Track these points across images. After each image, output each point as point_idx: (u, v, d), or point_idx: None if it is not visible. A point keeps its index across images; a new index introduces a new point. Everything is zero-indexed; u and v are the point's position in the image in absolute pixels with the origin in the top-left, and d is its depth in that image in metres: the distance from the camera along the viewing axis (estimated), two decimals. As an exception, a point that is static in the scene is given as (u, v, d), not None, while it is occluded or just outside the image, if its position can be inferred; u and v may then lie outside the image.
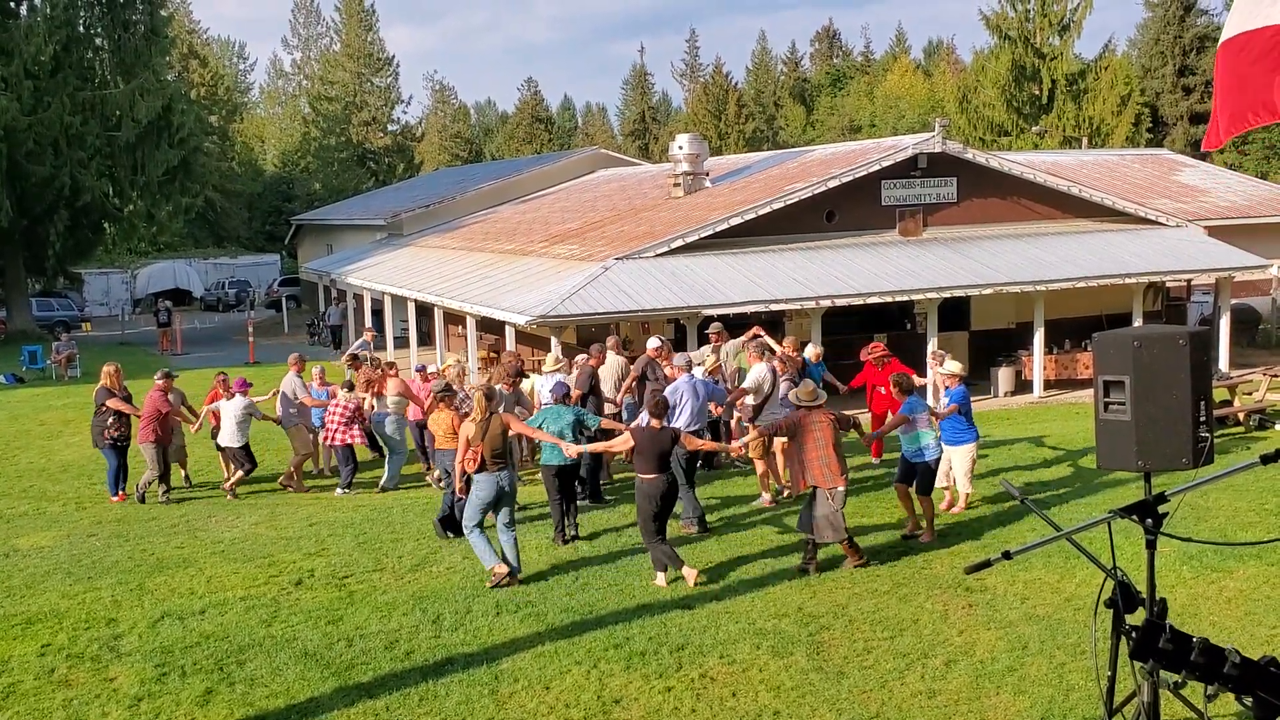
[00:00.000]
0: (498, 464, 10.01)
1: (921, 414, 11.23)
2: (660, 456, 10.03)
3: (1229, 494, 12.20)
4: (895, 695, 7.48)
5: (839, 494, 10.13)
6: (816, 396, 10.52)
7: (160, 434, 14.38)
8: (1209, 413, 5.41)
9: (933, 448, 11.21)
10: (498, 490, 10.03)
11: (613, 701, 7.51)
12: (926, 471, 11.21)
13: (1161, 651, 4.51)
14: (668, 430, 10.27)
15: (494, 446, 9.98)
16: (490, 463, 9.99)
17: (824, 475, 10.12)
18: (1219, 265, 22.39)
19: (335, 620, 9.26)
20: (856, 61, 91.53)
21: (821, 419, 10.27)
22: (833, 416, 10.42)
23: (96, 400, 14.75)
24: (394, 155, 73.27)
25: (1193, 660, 4.48)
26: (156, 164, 40.18)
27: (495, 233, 29.67)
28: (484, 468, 10.01)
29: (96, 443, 14.85)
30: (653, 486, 10.00)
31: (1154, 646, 4.52)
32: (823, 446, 10.17)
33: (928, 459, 11.17)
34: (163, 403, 14.48)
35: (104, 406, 14.60)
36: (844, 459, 10.35)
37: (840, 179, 21.12)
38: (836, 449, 10.24)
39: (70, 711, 7.61)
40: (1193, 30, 59.05)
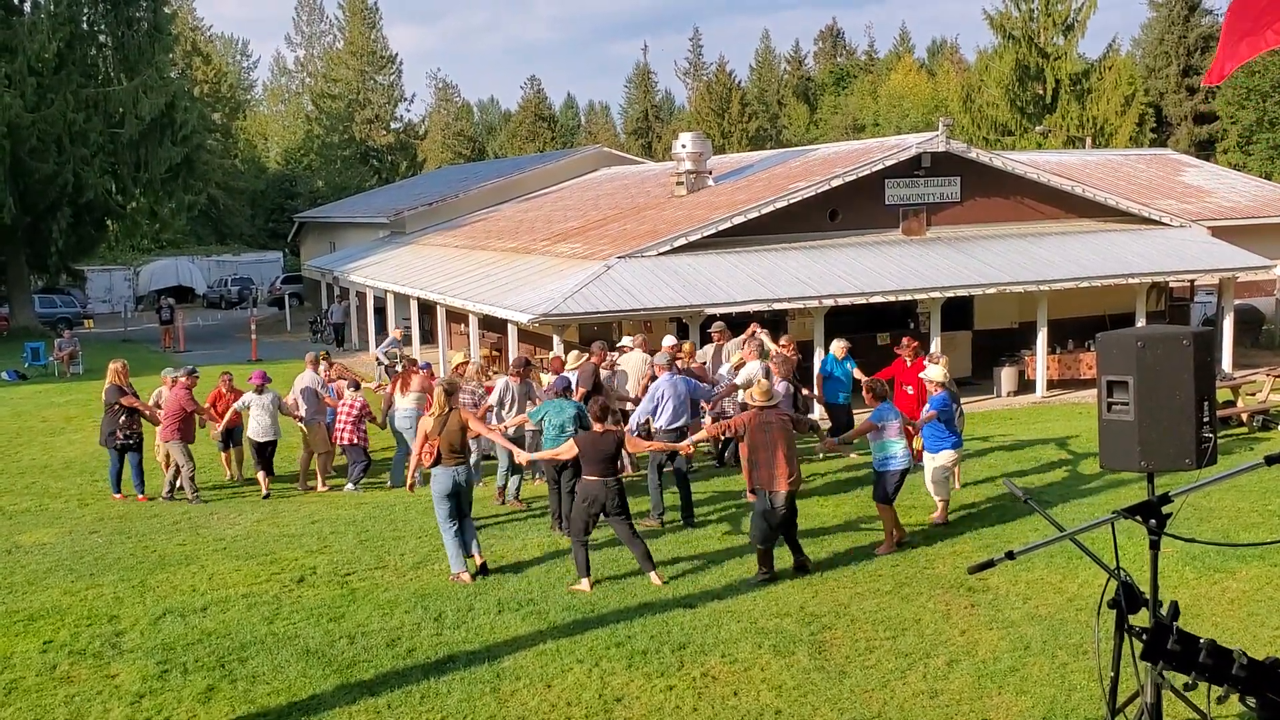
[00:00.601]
0: (454, 459, 10.14)
1: (892, 422, 10.96)
2: (603, 460, 10.03)
3: (1232, 495, 12.18)
4: (897, 695, 7.47)
5: (779, 496, 9.91)
6: (771, 396, 10.31)
7: (185, 431, 14.23)
8: (1212, 413, 5.41)
9: (900, 458, 10.87)
10: (454, 485, 10.13)
11: (614, 700, 7.51)
12: (888, 480, 10.85)
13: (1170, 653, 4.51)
14: (611, 434, 10.27)
15: (451, 442, 10.12)
16: (447, 457, 10.12)
17: (769, 477, 9.97)
18: (1223, 266, 22.36)
19: (337, 618, 9.26)
20: (860, 60, 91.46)
21: (774, 420, 10.06)
22: (787, 418, 10.24)
23: (108, 399, 14.52)
24: (397, 153, 73.28)
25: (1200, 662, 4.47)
26: (159, 161, 40.22)
27: (498, 231, 29.67)
28: (440, 461, 10.14)
29: (106, 442, 14.64)
30: (592, 489, 10.01)
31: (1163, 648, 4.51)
32: (770, 448, 9.95)
33: (892, 468, 10.85)
34: (188, 400, 14.33)
35: (116, 405, 14.39)
36: (794, 462, 10.03)
37: (843, 178, 21.10)
38: (787, 452, 9.96)
39: (72, 708, 7.62)
40: (1197, 30, 58.97)
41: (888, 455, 10.92)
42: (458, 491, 10.17)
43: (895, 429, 10.96)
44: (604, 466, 10.04)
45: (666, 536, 11.56)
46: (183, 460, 14.25)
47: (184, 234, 59.63)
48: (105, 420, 14.63)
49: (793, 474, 9.97)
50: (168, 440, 14.29)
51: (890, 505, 10.95)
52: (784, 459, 9.91)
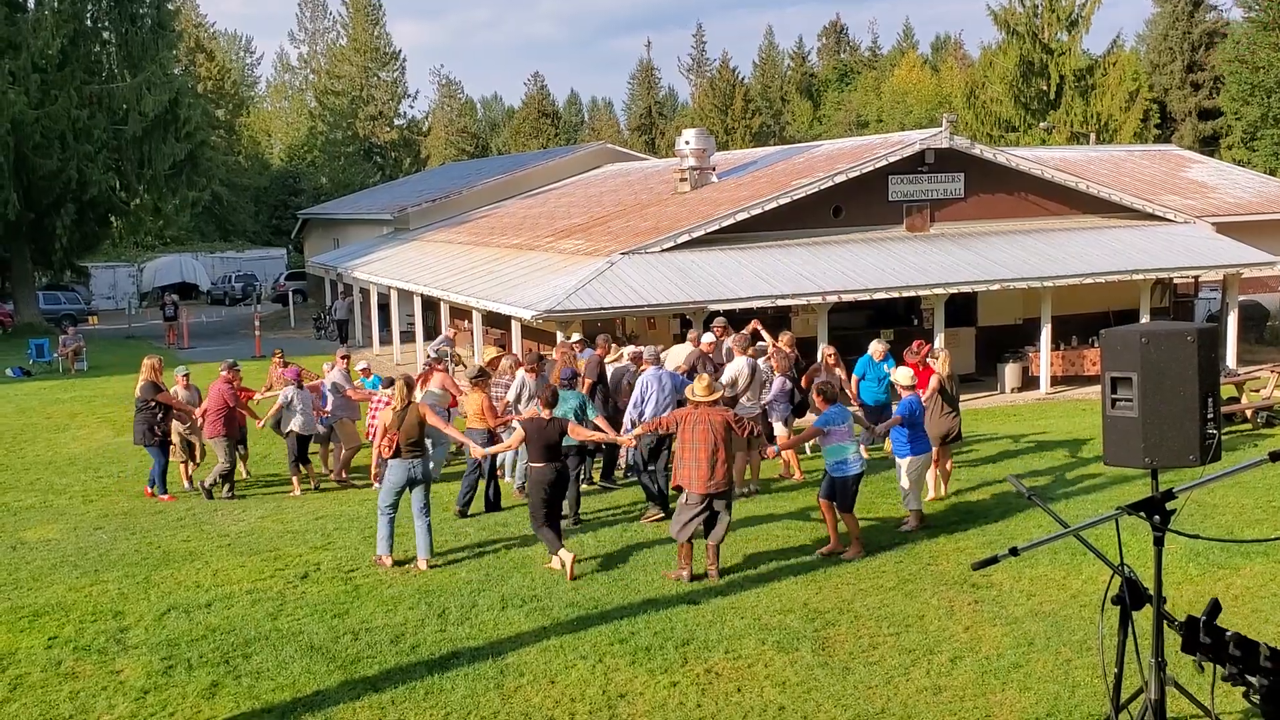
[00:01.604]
0: (411, 451, 10.48)
1: (840, 426, 10.52)
2: (547, 447, 10.35)
3: (1236, 491, 12.17)
4: (900, 691, 7.47)
5: (693, 497, 9.88)
6: (712, 392, 10.22)
7: (229, 427, 13.96)
8: (1216, 410, 5.40)
9: (854, 462, 10.53)
10: (409, 476, 10.47)
11: (618, 696, 7.51)
12: (845, 487, 10.51)
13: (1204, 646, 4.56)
14: (556, 422, 10.58)
15: (409, 435, 10.44)
16: (405, 450, 10.45)
17: (690, 477, 9.92)
18: (1227, 262, 22.33)
19: (341, 614, 9.27)
20: (864, 57, 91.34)
21: (707, 418, 9.94)
22: (726, 419, 10.06)
23: (143, 395, 14.07)
24: (400, 150, 73.29)
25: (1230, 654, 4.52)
26: (163, 158, 40.25)
27: (501, 227, 29.67)
28: (399, 454, 10.46)
29: (144, 440, 14.13)
30: (540, 474, 10.34)
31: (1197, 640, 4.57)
32: (698, 448, 9.87)
33: (849, 473, 10.48)
34: (230, 395, 14.04)
35: (152, 402, 14.01)
36: (725, 465, 9.90)
37: (847, 174, 21.08)
38: (717, 453, 9.83)
39: (77, 704, 7.63)
40: (1201, 26, 58.83)
41: (840, 460, 10.50)
42: (411, 482, 10.50)
43: (843, 433, 10.53)
44: (549, 452, 10.38)
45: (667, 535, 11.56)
46: (223, 456, 14.00)
47: (188, 231, 59.66)
48: (140, 418, 14.13)
49: (715, 478, 9.84)
50: (213, 437, 13.98)
51: (851, 512, 10.55)
52: (707, 460, 9.82)
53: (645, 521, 12.02)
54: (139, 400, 14.22)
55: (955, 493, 12.92)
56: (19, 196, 36.92)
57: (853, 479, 10.54)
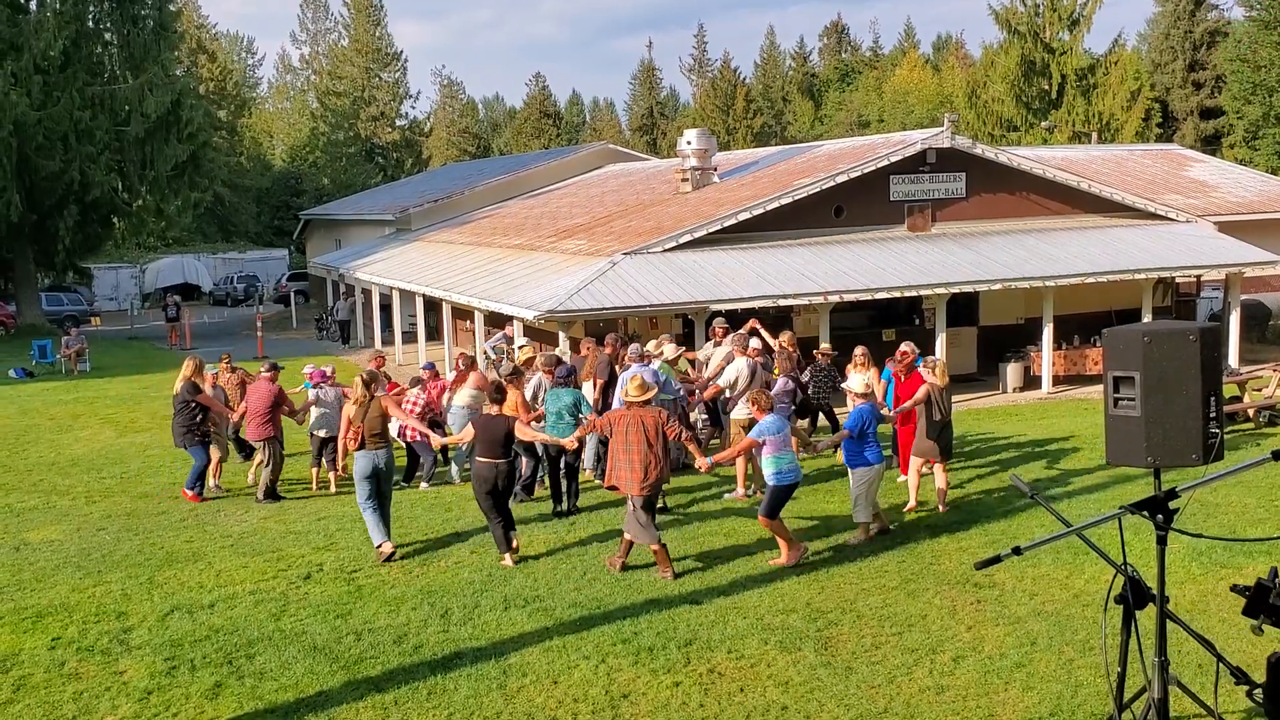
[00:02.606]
0: (375, 443, 10.99)
1: (776, 435, 10.31)
2: (493, 443, 10.57)
3: (1239, 490, 12.17)
4: (903, 691, 7.47)
5: (637, 499, 9.95)
6: (645, 392, 10.25)
7: (276, 426, 13.74)
8: (1219, 409, 5.40)
9: (788, 472, 10.29)
10: (373, 467, 10.94)
11: (621, 696, 7.52)
12: (775, 495, 10.28)
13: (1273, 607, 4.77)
14: (502, 419, 10.81)
15: (372, 428, 10.97)
16: (369, 441, 10.96)
17: (625, 479, 9.98)
18: (1229, 261, 22.31)
19: (344, 614, 9.28)
20: (865, 56, 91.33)
21: (640, 419, 9.99)
22: (658, 420, 10.06)
23: (184, 395, 13.82)
24: (402, 150, 73.34)
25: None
26: (165, 159, 40.28)
27: (503, 228, 29.67)
28: (363, 446, 10.99)
29: (184, 443, 13.87)
30: (487, 470, 10.58)
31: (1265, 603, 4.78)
32: (631, 449, 9.93)
33: (782, 483, 10.28)
34: (274, 395, 13.79)
35: (192, 403, 13.78)
36: (658, 466, 9.95)
37: (848, 174, 21.08)
38: (647, 455, 9.87)
39: (80, 704, 7.65)
40: (1203, 25, 58.79)
41: (776, 470, 10.32)
42: (376, 473, 10.98)
43: (779, 443, 10.31)
44: (495, 449, 10.59)
45: (670, 533, 11.57)
46: (267, 457, 13.88)
47: (190, 231, 59.73)
48: (179, 420, 13.83)
49: (648, 479, 9.91)
50: (259, 438, 13.84)
51: (776, 520, 10.29)
52: (640, 462, 9.88)
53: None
54: (178, 400, 13.97)
55: (957, 490, 12.91)
56: (21, 198, 36.96)
57: (787, 488, 10.32)
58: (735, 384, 13.49)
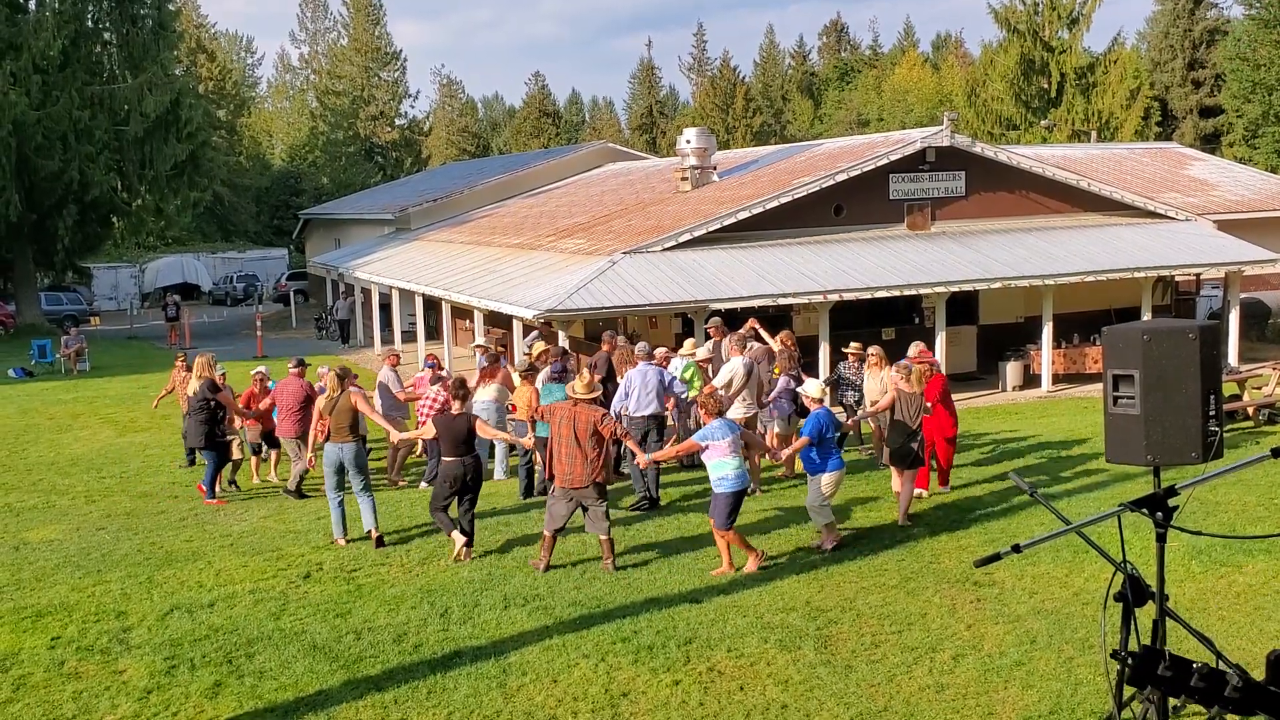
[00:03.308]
0: (342, 436, 11.34)
1: (720, 441, 10.05)
2: (456, 441, 10.72)
3: (1238, 489, 12.17)
4: (903, 689, 7.47)
5: (559, 492, 10.13)
6: (591, 391, 10.43)
7: (305, 424, 13.54)
8: (1219, 407, 5.40)
9: (732, 478, 10.02)
10: (339, 459, 11.30)
11: (620, 695, 7.52)
12: (722, 502, 10.07)
13: (1160, 678, 4.48)
14: (463, 416, 10.96)
15: (340, 421, 11.33)
16: (335, 434, 11.35)
17: (561, 473, 10.14)
18: (1228, 259, 22.32)
19: (343, 613, 9.28)
20: (864, 55, 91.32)
21: (575, 414, 10.14)
22: (593, 419, 10.12)
23: (202, 394, 13.65)
24: (401, 150, 73.34)
25: (1192, 685, 4.44)
26: (164, 158, 40.28)
27: (502, 227, 29.68)
28: (330, 438, 11.39)
29: (203, 444, 13.67)
30: (449, 468, 10.78)
31: (1153, 674, 4.49)
32: (562, 443, 10.10)
33: (727, 489, 10.03)
34: (304, 392, 13.66)
35: (211, 402, 13.58)
36: (586, 465, 10.02)
37: (848, 173, 21.09)
38: (583, 451, 9.98)
39: (80, 704, 7.64)
40: (1202, 23, 58.82)
41: (720, 476, 10.08)
42: (341, 465, 11.33)
43: (723, 448, 10.07)
44: (459, 447, 10.73)
45: (670, 532, 11.58)
46: (295, 456, 13.82)
47: (189, 231, 59.74)
48: (197, 420, 13.59)
49: (578, 474, 10.03)
50: (287, 435, 13.74)
51: (728, 530, 10.08)
52: (568, 456, 10.06)
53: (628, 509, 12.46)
54: (196, 400, 13.79)
55: (958, 488, 12.92)
56: (21, 198, 36.96)
57: (732, 495, 10.07)
58: (730, 383, 13.49)
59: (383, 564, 10.72)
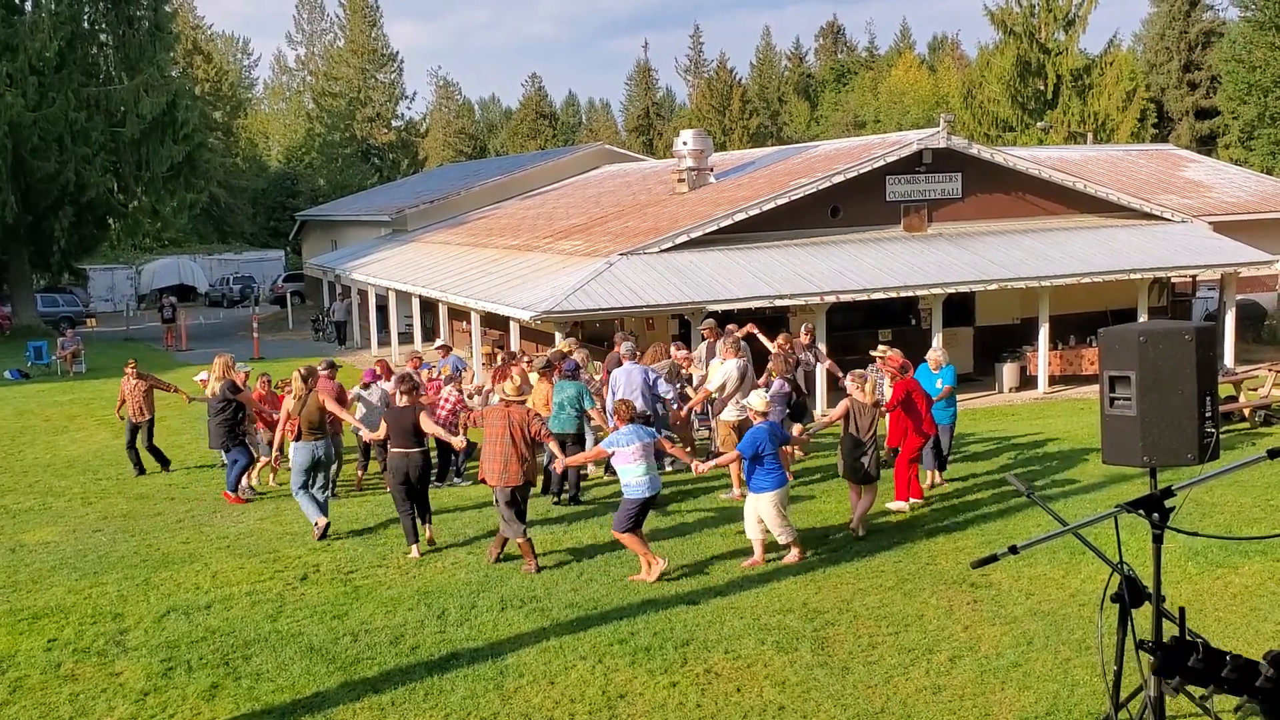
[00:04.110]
0: (313, 435, 11.66)
1: (625, 448, 10.05)
2: (403, 433, 11.00)
3: (1234, 490, 12.19)
4: (900, 690, 7.48)
5: (502, 492, 10.31)
6: (520, 393, 10.71)
7: (336, 424, 13.34)
8: (1215, 408, 5.42)
9: (637, 485, 9.98)
10: (313, 458, 11.65)
11: (618, 696, 7.52)
12: (626, 507, 10.05)
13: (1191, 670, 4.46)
14: (409, 410, 11.17)
15: (310, 420, 11.64)
16: (306, 433, 11.64)
17: (492, 472, 10.33)
18: (1224, 261, 22.35)
19: (340, 615, 9.28)
20: (861, 57, 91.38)
21: (507, 415, 10.38)
22: (522, 419, 10.35)
23: (223, 394, 13.59)
24: (398, 151, 73.28)
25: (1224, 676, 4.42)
26: (161, 160, 40.24)
27: (499, 228, 29.67)
28: (300, 437, 11.65)
29: (225, 444, 13.58)
30: (394, 460, 11.13)
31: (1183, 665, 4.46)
32: (498, 443, 10.32)
33: (633, 495, 10.01)
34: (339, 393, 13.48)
35: (233, 403, 13.52)
36: (515, 463, 10.24)
37: (845, 175, 21.09)
38: (513, 451, 10.22)
39: (77, 706, 7.64)
40: (1198, 25, 58.93)
41: (628, 482, 10.11)
42: (315, 464, 11.67)
43: (629, 454, 10.04)
44: (406, 440, 11.00)
45: (667, 534, 11.58)
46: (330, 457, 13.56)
47: (186, 233, 59.65)
48: (219, 421, 13.51)
49: (508, 472, 10.24)
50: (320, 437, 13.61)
51: (631, 533, 10.01)
52: (500, 456, 10.28)
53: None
54: (216, 402, 13.74)
55: (954, 490, 12.93)
56: (17, 199, 36.92)
57: (639, 501, 10.02)
58: (724, 387, 13.51)
59: (380, 566, 10.72)
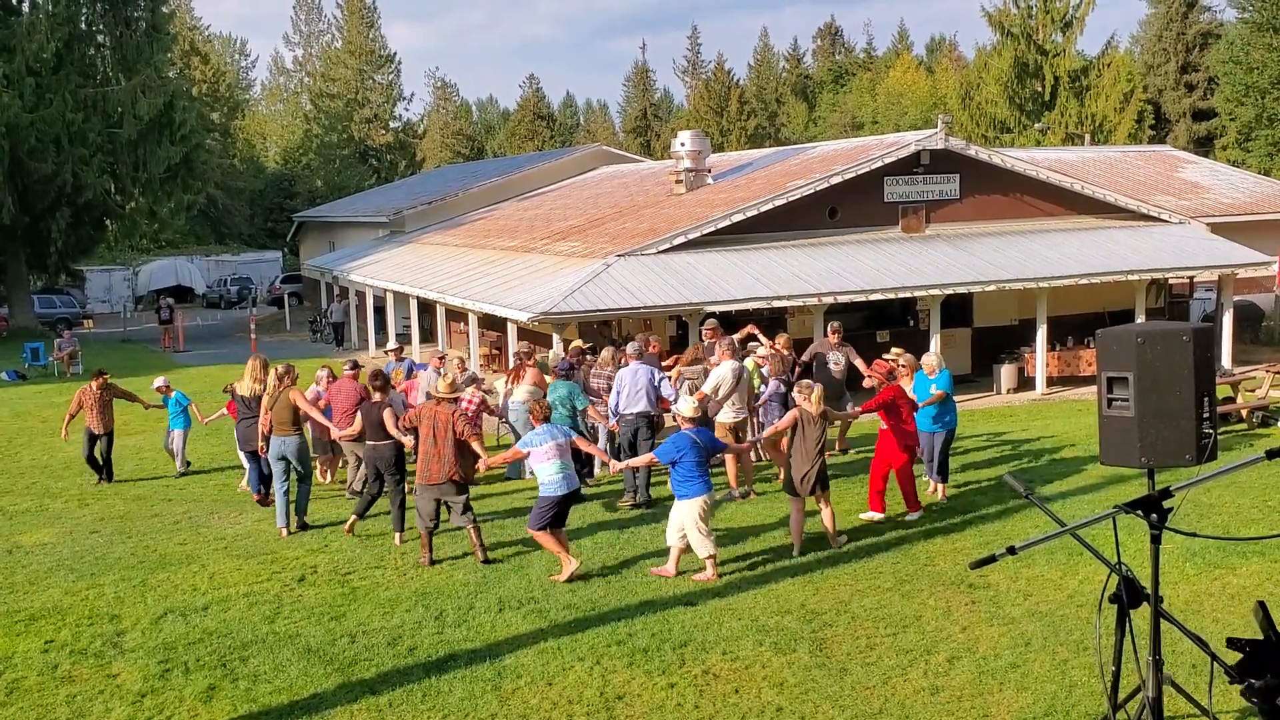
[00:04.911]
0: (284, 430, 12.09)
1: (539, 447, 10.17)
2: (374, 427, 11.65)
3: (1232, 491, 12.19)
4: (898, 692, 7.48)
5: (425, 489, 10.58)
6: (453, 391, 10.96)
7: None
8: (1212, 409, 5.41)
9: (555, 483, 10.07)
10: (280, 452, 12.07)
11: (615, 698, 7.51)
12: (540, 505, 10.16)
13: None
14: (376, 405, 11.75)
15: (280, 417, 12.11)
16: (277, 429, 12.12)
17: (423, 468, 10.59)
18: (1222, 262, 22.36)
19: (338, 617, 9.27)
20: (859, 58, 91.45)
21: (435, 414, 10.60)
22: (449, 417, 10.59)
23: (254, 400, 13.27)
24: (396, 152, 73.26)
25: None
26: (158, 161, 40.19)
27: (497, 230, 29.66)
28: (273, 432, 12.17)
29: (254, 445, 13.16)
30: (369, 452, 11.76)
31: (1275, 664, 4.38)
32: (426, 442, 10.57)
33: (547, 494, 10.11)
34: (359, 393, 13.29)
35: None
36: (445, 462, 10.48)
37: (842, 176, 21.09)
38: (443, 448, 10.47)
39: (74, 708, 7.62)
40: (1195, 27, 58.98)
41: (540, 480, 10.25)
42: (285, 458, 12.08)
43: (542, 454, 10.14)
44: (377, 433, 11.58)
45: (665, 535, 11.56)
46: (354, 458, 13.63)
47: (183, 234, 59.60)
48: (247, 423, 13.28)
49: (435, 471, 10.46)
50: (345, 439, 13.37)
51: (545, 532, 10.08)
52: (428, 454, 10.56)
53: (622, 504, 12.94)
54: (253, 402, 13.33)
55: (953, 491, 12.92)
56: (14, 200, 36.86)
57: (551, 500, 10.10)
58: (718, 389, 13.50)
59: (377, 567, 10.71)
